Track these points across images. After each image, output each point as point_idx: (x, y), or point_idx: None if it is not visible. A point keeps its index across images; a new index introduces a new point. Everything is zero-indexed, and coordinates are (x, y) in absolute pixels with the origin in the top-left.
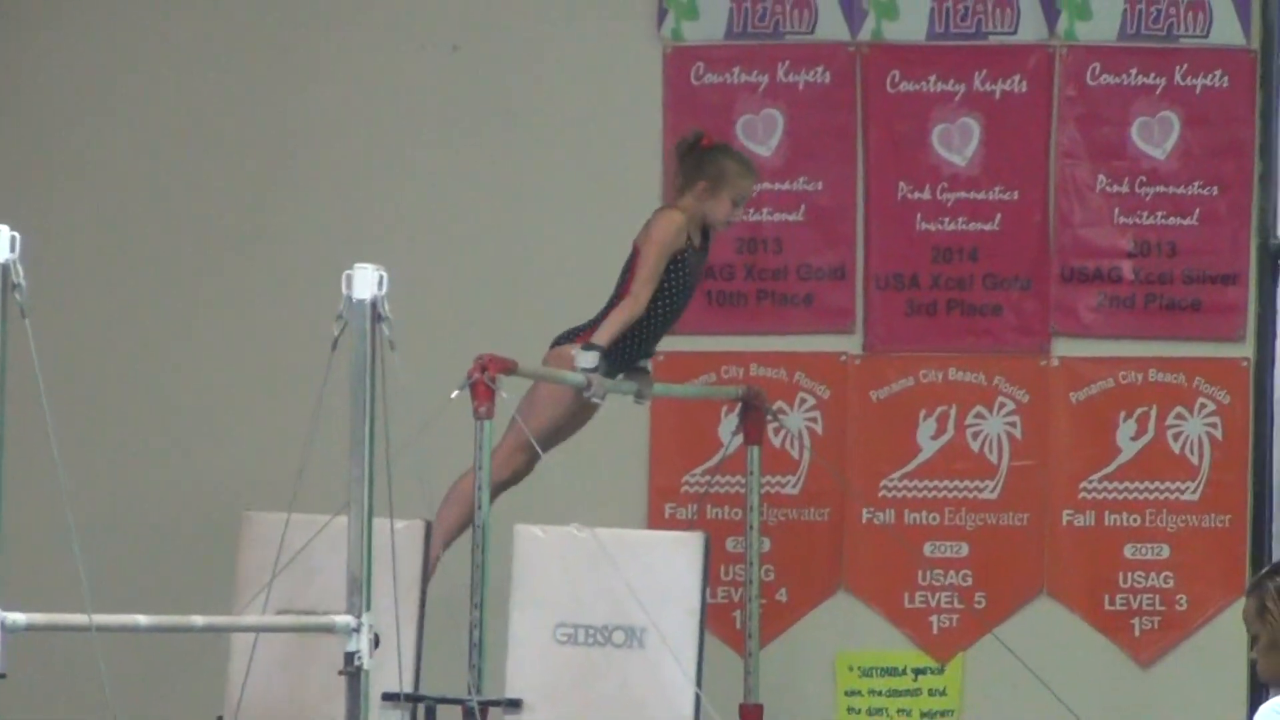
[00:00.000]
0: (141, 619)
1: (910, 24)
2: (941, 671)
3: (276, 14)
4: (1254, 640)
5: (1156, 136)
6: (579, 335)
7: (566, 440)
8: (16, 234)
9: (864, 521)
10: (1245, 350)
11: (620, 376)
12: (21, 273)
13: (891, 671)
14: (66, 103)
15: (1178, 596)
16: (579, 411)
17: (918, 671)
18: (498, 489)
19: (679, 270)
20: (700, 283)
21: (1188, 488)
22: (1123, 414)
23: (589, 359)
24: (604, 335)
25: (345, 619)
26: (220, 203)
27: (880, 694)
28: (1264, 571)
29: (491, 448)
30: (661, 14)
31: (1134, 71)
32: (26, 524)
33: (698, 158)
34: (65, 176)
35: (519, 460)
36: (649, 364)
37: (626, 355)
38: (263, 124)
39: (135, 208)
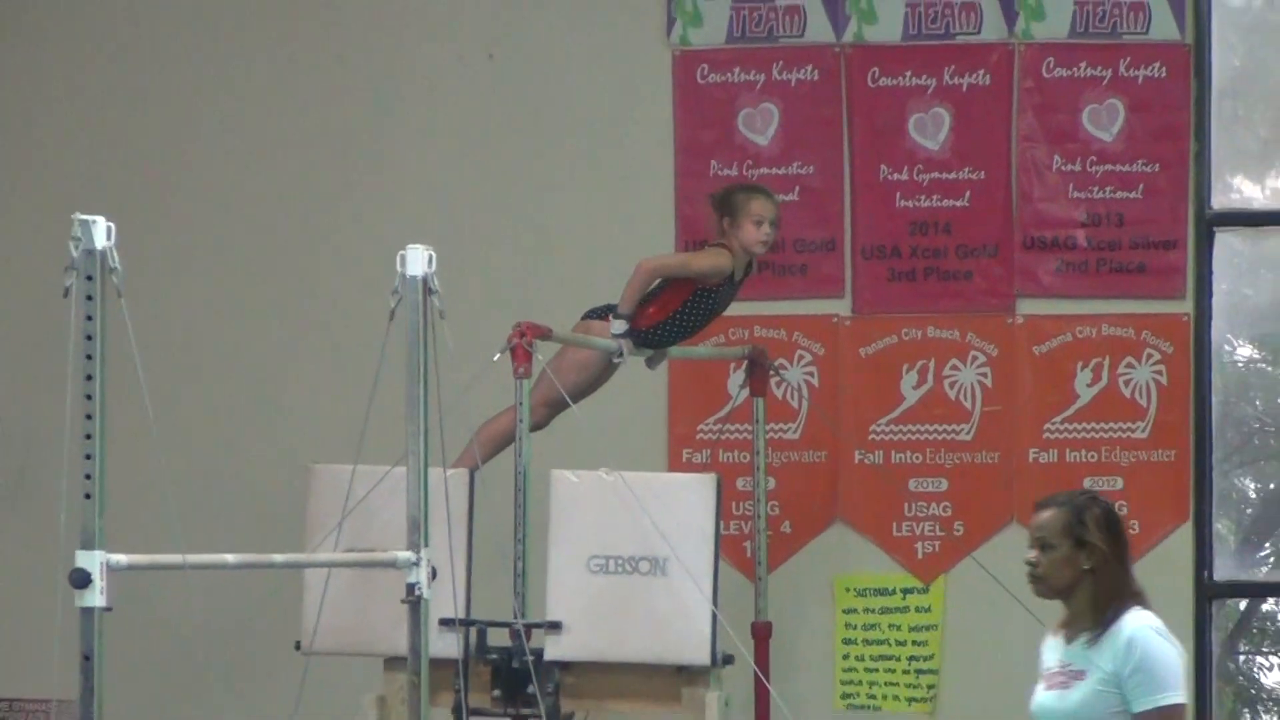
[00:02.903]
0: (229, 557)
1: (887, 27)
2: (926, 591)
3: (341, 32)
4: (1043, 548)
5: (1104, 121)
6: (608, 315)
7: (591, 398)
8: (113, 225)
9: (856, 462)
10: (1186, 307)
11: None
12: (117, 258)
13: (883, 592)
14: (158, 101)
15: (1131, 521)
16: (600, 376)
17: (905, 591)
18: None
19: (706, 300)
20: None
21: (1138, 427)
22: (1079, 364)
23: (619, 326)
24: (625, 304)
25: (406, 554)
26: (292, 194)
27: (874, 611)
28: (1081, 493)
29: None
30: (670, 23)
31: (1083, 65)
32: (126, 478)
33: (717, 201)
34: (155, 173)
35: (540, 414)
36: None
37: (639, 341)
38: (329, 126)
39: (219, 200)
